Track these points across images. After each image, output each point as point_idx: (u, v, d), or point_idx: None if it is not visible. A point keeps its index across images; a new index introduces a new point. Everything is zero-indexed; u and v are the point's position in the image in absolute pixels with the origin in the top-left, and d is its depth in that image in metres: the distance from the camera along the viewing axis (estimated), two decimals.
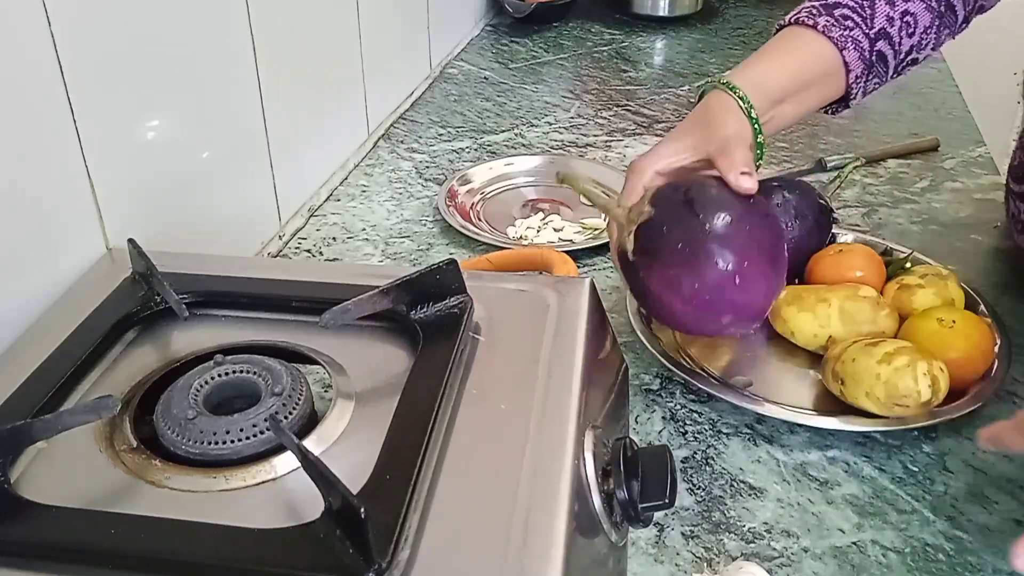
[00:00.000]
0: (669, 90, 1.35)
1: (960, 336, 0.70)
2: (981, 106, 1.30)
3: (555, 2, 1.60)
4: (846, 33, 0.72)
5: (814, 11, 0.73)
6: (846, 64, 0.73)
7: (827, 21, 0.72)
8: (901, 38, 0.75)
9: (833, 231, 0.85)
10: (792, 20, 0.74)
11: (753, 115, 0.69)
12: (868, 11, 0.73)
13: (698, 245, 0.62)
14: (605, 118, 1.25)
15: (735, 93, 0.69)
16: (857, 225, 0.97)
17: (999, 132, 1.85)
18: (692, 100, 1.31)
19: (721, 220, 0.62)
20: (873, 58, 0.74)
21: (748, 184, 0.63)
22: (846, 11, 0.73)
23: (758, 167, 0.74)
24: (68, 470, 0.43)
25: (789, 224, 0.80)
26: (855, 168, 1.04)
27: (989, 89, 1.65)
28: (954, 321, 0.70)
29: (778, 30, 0.76)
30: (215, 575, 0.37)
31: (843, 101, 0.77)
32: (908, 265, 0.80)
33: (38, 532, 0.39)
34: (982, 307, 0.77)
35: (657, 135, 1.20)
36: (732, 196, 0.64)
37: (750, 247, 0.62)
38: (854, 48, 0.73)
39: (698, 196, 0.63)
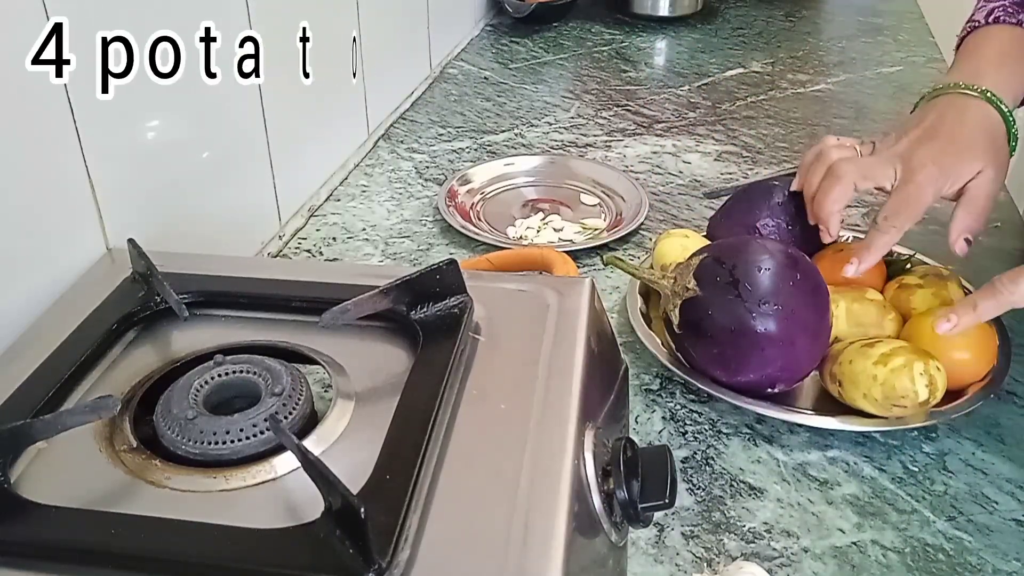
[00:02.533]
0: (669, 90, 1.35)
1: (965, 336, 0.69)
2: None
3: (555, 2, 1.60)
4: None
5: (1011, 10, 0.71)
6: None
7: None
8: None
9: None
10: (991, 20, 0.72)
11: (1014, 131, 0.69)
12: None
13: (744, 333, 0.64)
14: (605, 118, 1.25)
15: (999, 105, 0.68)
16: (857, 225, 0.97)
17: None
18: (692, 100, 1.31)
19: (768, 308, 0.64)
20: None
21: (961, 249, 0.68)
22: None
23: None
24: (68, 470, 0.43)
25: (789, 224, 0.80)
26: None
27: None
28: None
29: (968, 32, 0.73)
30: (215, 575, 0.37)
31: None
32: (908, 266, 0.80)
33: (38, 532, 0.39)
34: None
35: (657, 135, 1.20)
36: (777, 276, 0.65)
37: (795, 330, 0.65)
38: None
39: (744, 277, 0.64)
